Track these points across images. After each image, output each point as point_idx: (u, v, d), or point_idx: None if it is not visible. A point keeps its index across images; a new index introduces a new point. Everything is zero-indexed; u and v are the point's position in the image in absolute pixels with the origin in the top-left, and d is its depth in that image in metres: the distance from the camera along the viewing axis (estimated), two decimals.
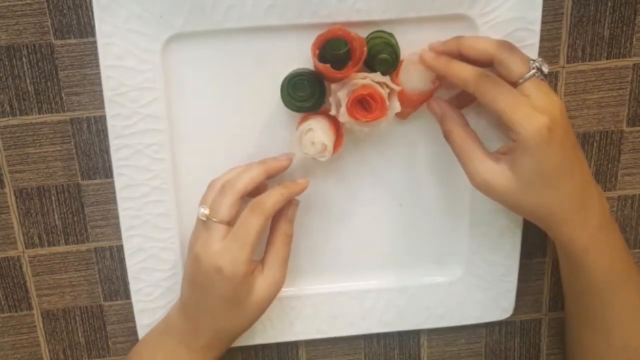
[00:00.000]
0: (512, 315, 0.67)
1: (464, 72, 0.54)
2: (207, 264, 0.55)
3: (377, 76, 0.55)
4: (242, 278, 0.55)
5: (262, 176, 0.57)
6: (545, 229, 0.56)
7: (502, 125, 0.54)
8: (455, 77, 0.54)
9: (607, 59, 0.62)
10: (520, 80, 0.52)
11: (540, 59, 0.53)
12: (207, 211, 0.56)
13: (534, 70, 0.52)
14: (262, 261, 0.59)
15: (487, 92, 0.52)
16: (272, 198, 0.56)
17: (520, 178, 0.53)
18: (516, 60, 0.52)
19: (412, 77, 0.57)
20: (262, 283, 0.58)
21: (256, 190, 0.58)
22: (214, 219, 0.56)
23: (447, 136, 0.56)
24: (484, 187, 0.54)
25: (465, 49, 0.54)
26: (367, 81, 0.55)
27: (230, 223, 0.56)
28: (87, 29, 0.57)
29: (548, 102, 0.51)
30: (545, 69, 0.53)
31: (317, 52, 0.54)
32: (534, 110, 0.51)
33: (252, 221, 0.55)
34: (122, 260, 0.63)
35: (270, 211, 0.56)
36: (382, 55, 0.56)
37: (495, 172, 0.53)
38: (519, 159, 0.52)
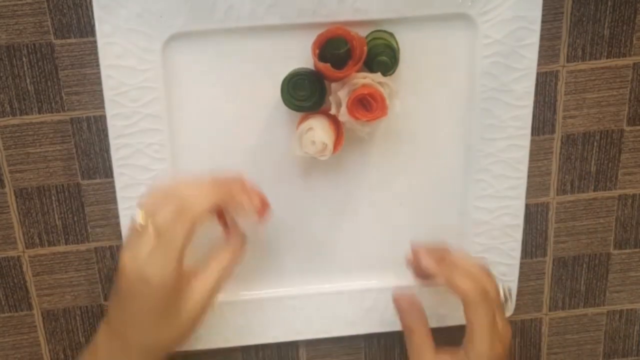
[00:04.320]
0: (512, 315, 0.67)
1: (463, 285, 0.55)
2: (134, 275, 0.51)
3: (378, 76, 0.55)
4: (171, 288, 0.51)
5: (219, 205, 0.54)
6: None
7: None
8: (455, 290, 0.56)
9: (607, 58, 0.62)
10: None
11: (509, 288, 0.61)
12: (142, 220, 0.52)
13: (503, 299, 0.59)
14: (201, 265, 0.54)
15: (479, 313, 0.55)
16: (202, 204, 0.52)
17: None
18: (494, 288, 0.57)
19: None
20: (194, 292, 0.53)
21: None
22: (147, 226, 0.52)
23: (407, 334, 0.59)
24: None
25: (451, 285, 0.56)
26: (367, 80, 0.55)
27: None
28: (87, 28, 0.57)
29: (507, 332, 0.57)
30: (510, 299, 0.60)
31: (317, 51, 0.54)
32: (495, 342, 0.55)
33: (178, 229, 0.51)
34: None
35: (198, 218, 0.52)
36: (381, 57, 0.56)
37: None
38: None
